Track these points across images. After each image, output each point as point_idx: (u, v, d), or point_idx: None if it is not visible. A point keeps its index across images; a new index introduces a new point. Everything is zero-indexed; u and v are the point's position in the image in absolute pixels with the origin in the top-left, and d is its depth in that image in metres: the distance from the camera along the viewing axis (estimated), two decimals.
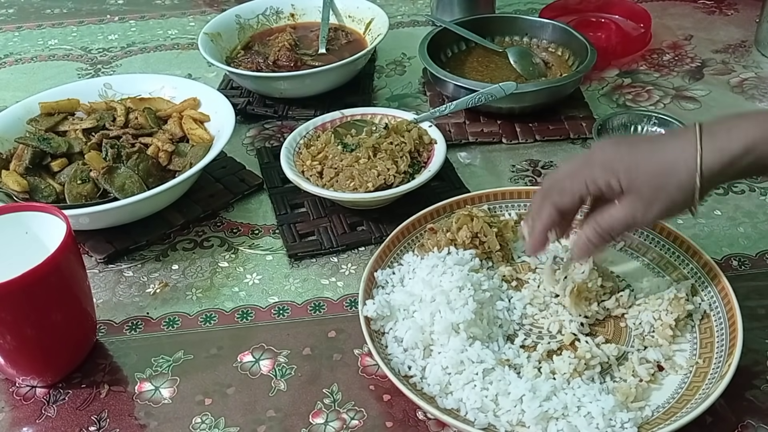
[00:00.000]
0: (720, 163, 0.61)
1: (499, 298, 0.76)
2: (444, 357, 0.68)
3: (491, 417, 0.65)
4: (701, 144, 0.60)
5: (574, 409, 0.64)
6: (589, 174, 0.64)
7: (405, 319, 0.72)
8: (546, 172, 0.98)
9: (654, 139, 0.64)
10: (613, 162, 0.63)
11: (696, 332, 0.72)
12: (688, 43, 1.29)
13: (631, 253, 0.81)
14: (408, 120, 0.96)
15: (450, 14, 1.33)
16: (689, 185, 0.61)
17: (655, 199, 0.63)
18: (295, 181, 0.88)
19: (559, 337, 0.72)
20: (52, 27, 1.53)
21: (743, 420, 0.66)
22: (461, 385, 0.67)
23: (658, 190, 0.62)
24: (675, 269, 0.78)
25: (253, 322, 0.79)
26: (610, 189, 0.64)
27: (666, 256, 0.79)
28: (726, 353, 0.68)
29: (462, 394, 0.66)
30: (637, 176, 0.62)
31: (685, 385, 0.68)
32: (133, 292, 0.84)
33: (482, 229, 0.80)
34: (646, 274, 0.78)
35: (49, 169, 0.94)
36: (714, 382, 0.65)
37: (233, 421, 0.68)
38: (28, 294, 0.65)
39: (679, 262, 0.78)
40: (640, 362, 0.69)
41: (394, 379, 0.66)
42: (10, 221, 0.73)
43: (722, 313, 0.72)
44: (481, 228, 0.80)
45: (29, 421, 0.70)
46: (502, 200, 0.87)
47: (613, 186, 0.63)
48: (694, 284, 0.75)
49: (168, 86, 1.07)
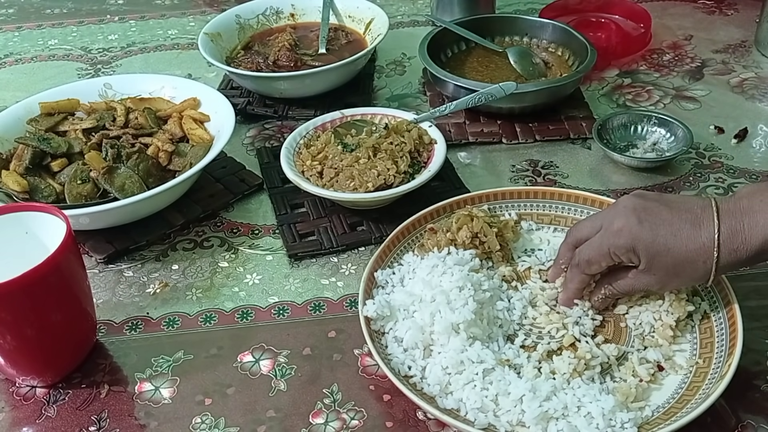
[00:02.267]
0: (737, 262, 0.65)
1: (499, 298, 0.76)
2: (444, 357, 0.68)
3: (491, 417, 0.65)
4: (719, 245, 0.64)
5: (574, 409, 0.64)
6: (613, 248, 0.68)
7: (405, 319, 0.72)
8: (546, 171, 0.99)
9: (675, 219, 0.66)
10: (636, 242, 0.66)
11: (696, 332, 0.72)
12: (688, 43, 1.29)
13: None
14: (408, 120, 0.96)
15: (450, 14, 1.33)
16: (704, 277, 0.67)
17: (670, 282, 0.69)
18: (295, 181, 0.88)
19: (559, 337, 0.72)
20: (52, 27, 1.53)
21: (743, 420, 0.66)
22: (461, 385, 0.67)
23: (674, 277, 0.67)
24: None
25: (253, 322, 0.79)
26: (630, 261, 0.68)
27: None
28: (726, 353, 0.68)
29: (462, 394, 0.66)
30: (655, 261, 0.67)
31: (685, 385, 0.68)
32: (133, 292, 0.84)
33: (482, 229, 0.80)
34: None
35: (49, 169, 0.94)
36: (714, 382, 0.65)
37: (233, 421, 0.68)
38: (29, 294, 0.65)
39: None
40: (640, 362, 0.69)
41: (394, 379, 0.66)
42: (10, 221, 0.73)
43: (722, 314, 0.72)
44: (481, 228, 0.80)
45: (29, 421, 0.70)
46: (502, 200, 0.87)
47: (633, 261, 0.68)
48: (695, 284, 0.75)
49: (168, 86, 1.07)
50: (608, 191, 0.94)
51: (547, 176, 0.98)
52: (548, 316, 0.74)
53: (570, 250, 0.74)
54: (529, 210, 0.87)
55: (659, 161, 0.97)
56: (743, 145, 1.02)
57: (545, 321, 0.74)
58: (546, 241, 0.85)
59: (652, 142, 1.01)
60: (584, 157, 1.02)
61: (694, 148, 1.01)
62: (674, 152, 0.97)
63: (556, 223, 0.86)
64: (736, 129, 1.04)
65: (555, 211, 0.87)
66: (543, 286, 0.78)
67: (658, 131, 1.01)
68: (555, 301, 0.76)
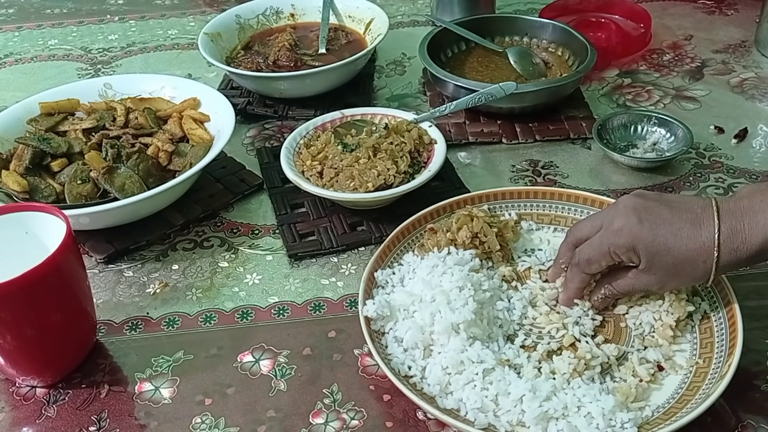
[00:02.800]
0: (737, 262, 0.65)
1: (499, 298, 0.76)
2: (444, 357, 0.68)
3: (491, 417, 0.65)
4: (719, 245, 0.64)
5: (574, 409, 0.64)
6: (614, 248, 0.68)
7: (405, 319, 0.72)
8: (546, 171, 0.99)
9: (675, 219, 0.66)
10: (636, 241, 0.66)
11: (696, 332, 0.72)
12: (688, 43, 1.29)
13: None
14: (408, 120, 0.96)
15: (450, 14, 1.33)
16: (705, 276, 0.67)
17: (670, 281, 0.69)
18: (295, 181, 0.88)
19: (559, 337, 0.72)
20: (52, 27, 1.53)
21: (743, 420, 0.66)
22: (461, 385, 0.67)
23: (674, 276, 0.68)
24: None
25: (253, 322, 0.79)
26: (630, 261, 0.69)
27: None
28: (726, 353, 0.68)
29: (462, 394, 0.66)
30: (655, 261, 0.67)
31: (685, 385, 0.68)
32: (133, 292, 0.84)
33: (482, 229, 0.80)
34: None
35: (49, 169, 0.94)
36: (714, 382, 0.65)
37: (233, 421, 0.68)
38: (29, 294, 0.65)
39: None
40: (640, 362, 0.69)
41: (394, 379, 0.66)
42: (10, 221, 0.73)
43: (722, 313, 0.72)
44: (481, 228, 0.80)
45: (29, 421, 0.70)
46: (502, 200, 0.87)
47: (633, 260, 0.68)
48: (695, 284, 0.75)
49: (168, 86, 1.07)
50: (608, 191, 0.94)
51: (547, 176, 0.98)
52: (548, 316, 0.74)
53: (570, 250, 0.74)
54: (529, 210, 0.87)
55: (659, 161, 0.97)
56: (743, 145, 1.02)
57: (545, 321, 0.74)
58: (546, 241, 0.85)
59: (652, 142, 1.01)
60: (584, 157, 1.02)
61: (694, 148, 1.01)
62: (674, 152, 0.97)
63: (556, 223, 0.86)
64: (736, 129, 1.04)
65: (555, 211, 0.87)
66: (543, 286, 0.78)
67: (658, 131, 1.01)
68: (555, 301, 0.76)
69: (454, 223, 0.81)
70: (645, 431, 0.63)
